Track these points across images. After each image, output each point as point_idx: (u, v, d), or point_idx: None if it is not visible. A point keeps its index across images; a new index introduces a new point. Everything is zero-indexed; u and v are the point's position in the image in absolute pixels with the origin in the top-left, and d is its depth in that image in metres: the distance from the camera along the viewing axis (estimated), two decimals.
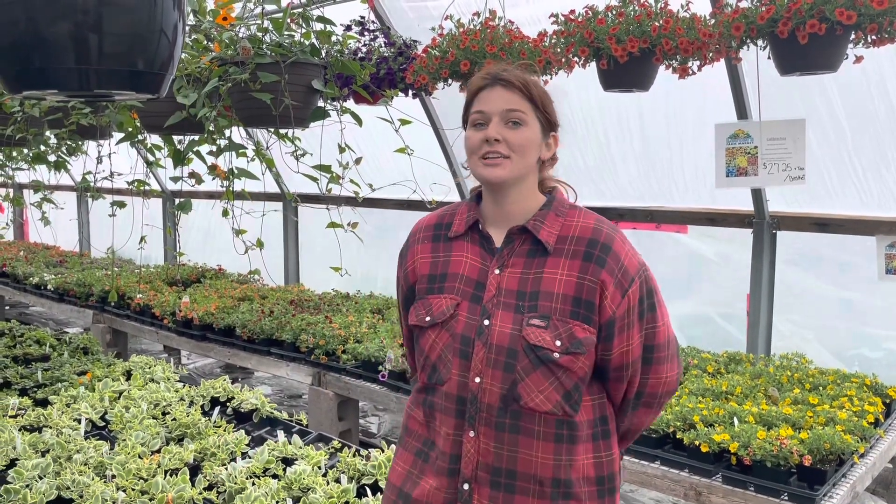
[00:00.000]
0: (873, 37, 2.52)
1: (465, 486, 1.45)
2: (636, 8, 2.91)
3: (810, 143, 3.48)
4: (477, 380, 1.44)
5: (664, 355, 1.52)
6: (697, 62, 2.92)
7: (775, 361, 3.67)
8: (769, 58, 2.72)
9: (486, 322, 1.46)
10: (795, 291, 4.26)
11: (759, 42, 2.71)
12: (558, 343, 1.42)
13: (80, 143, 4.36)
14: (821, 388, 3.25)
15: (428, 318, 1.52)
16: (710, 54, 2.86)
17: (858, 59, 2.66)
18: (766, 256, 4.00)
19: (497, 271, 1.50)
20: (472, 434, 1.44)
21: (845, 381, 3.31)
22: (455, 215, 1.60)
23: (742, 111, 3.70)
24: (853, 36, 2.56)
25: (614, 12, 2.93)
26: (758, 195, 3.96)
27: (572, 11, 3.04)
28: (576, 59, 3.07)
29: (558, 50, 3.10)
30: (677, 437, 2.86)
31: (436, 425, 1.50)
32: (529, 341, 1.42)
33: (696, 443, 2.75)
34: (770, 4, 2.56)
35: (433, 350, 1.51)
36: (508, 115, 1.47)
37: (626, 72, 2.96)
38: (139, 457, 2.62)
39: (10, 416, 3.07)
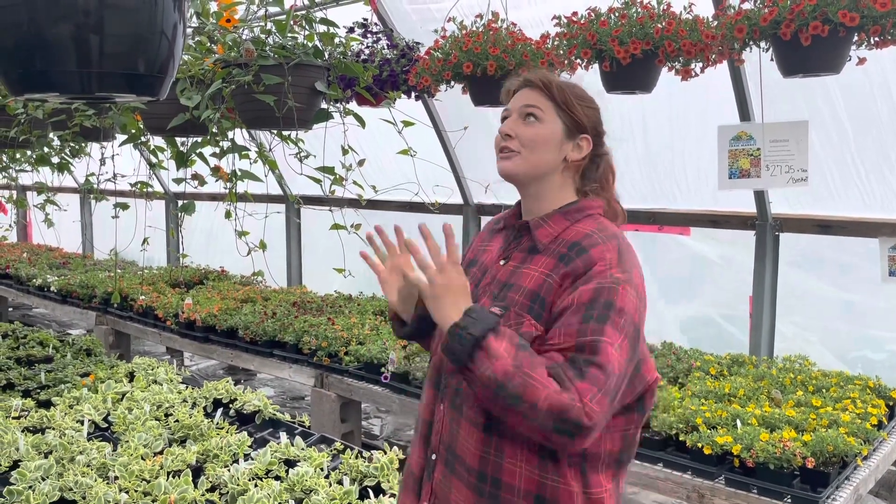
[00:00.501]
0: (876, 38, 2.52)
1: (433, 457, 1.51)
2: (639, 10, 2.91)
3: (813, 145, 3.48)
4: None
5: (600, 379, 1.29)
6: (700, 64, 2.92)
7: (778, 363, 3.67)
8: (772, 59, 2.72)
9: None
10: (798, 293, 4.25)
11: (762, 44, 2.71)
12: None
13: (83, 144, 4.37)
14: (824, 390, 3.25)
15: None
16: (713, 56, 2.86)
17: (861, 60, 2.65)
18: (768, 258, 4.00)
19: (501, 262, 1.54)
20: (441, 407, 1.51)
21: (848, 384, 3.30)
22: (511, 210, 1.68)
23: (745, 113, 3.70)
24: (856, 38, 2.55)
25: (617, 14, 2.93)
26: (760, 197, 3.95)
27: (575, 13, 3.05)
28: (578, 61, 3.07)
29: (561, 52, 3.10)
30: (680, 439, 2.86)
31: (423, 395, 1.60)
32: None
33: (699, 445, 2.75)
34: (773, 6, 2.56)
35: None
36: (524, 111, 1.51)
37: (628, 74, 2.96)
38: (142, 458, 2.63)
39: (14, 418, 3.08)
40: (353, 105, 3.64)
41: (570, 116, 1.53)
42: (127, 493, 2.37)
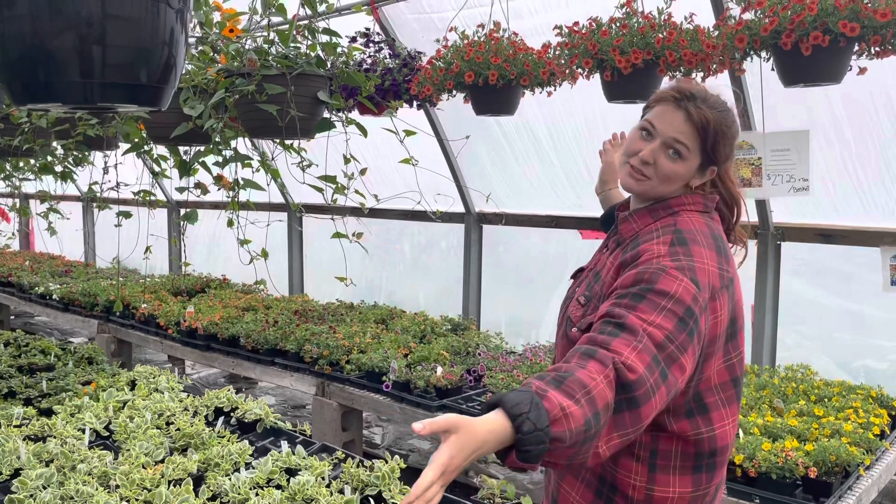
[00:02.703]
0: (877, 48, 2.53)
1: None
2: (640, 20, 2.92)
3: (814, 154, 3.49)
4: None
5: (631, 339, 1.29)
6: (701, 74, 2.93)
7: (780, 373, 3.66)
8: (773, 69, 2.73)
9: (576, 292, 1.66)
10: (800, 303, 4.25)
11: (763, 54, 2.72)
12: (583, 321, 1.53)
13: (86, 153, 4.38)
14: (826, 399, 3.24)
15: None
16: (714, 66, 2.87)
17: (862, 70, 2.66)
18: (770, 267, 4.00)
19: (605, 252, 1.67)
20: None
21: (851, 393, 3.29)
22: None
23: (746, 122, 3.71)
24: (857, 47, 2.56)
25: (618, 24, 2.94)
26: (762, 206, 3.96)
27: (576, 23, 3.06)
28: (580, 70, 3.08)
29: (562, 61, 3.11)
30: None
31: None
32: (568, 312, 1.60)
33: None
34: (773, 16, 2.57)
35: None
36: (672, 145, 1.53)
37: (629, 83, 2.97)
38: (143, 467, 2.62)
39: (15, 426, 3.08)
40: (355, 114, 3.66)
41: (710, 157, 1.56)
42: (128, 501, 2.37)
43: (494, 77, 3.13)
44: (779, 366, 3.90)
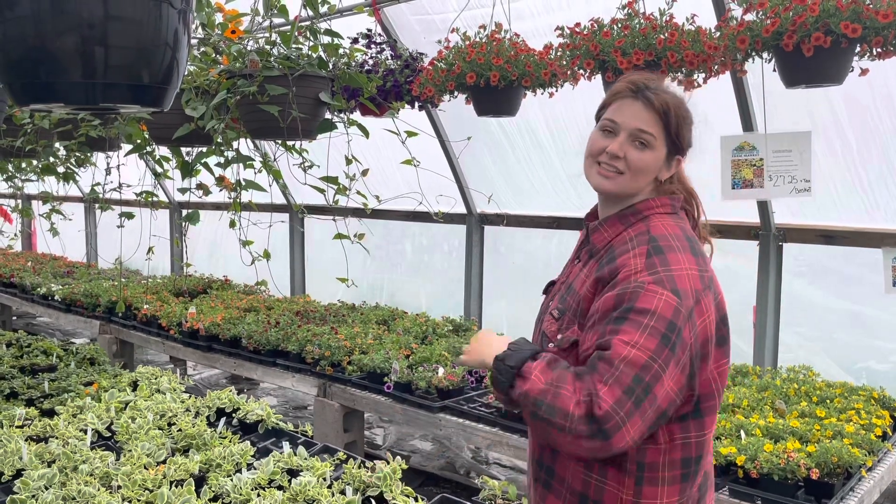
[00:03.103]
0: (878, 49, 2.53)
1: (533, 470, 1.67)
2: (641, 21, 2.92)
3: (816, 155, 3.48)
4: None
5: (607, 371, 1.36)
6: (703, 74, 2.93)
7: (782, 374, 3.66)
8: (774, 70, 2.73)
9: (550, 305, 1.64)
10: (802, 304, 4.24)
11: (765, 55, 2.72)
12: (559, 336, 1.53)
13: (88, 154, 4.39)
14: (828, 400, 3.23)
15: None
16: (716, 67, 2.87)
17: (864, 71, 2.66)
18: (772, 268, 3.99)
19: (576, 262, 1.64)
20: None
21: (853, 394, 3.29)
22: None
23: (748, 123, 3.71)
24: (858, 48, 2.56)
25: (619, 25, 2.95)
26: (764, 207, 3.95)
27: (578, 24, 3.06)
28: (581, 71, 3.08)
29: (564, 62, 3.12)
30: None
31: None
32: (542, 327, 1.59)
33: None
34: (775, 17, 2.57)
35: None
36: (638, 135, 1.51)
37: None
38: (145, 467, 2.63)
39: (17, 427, 3.08)
40: (356, 115, 3.66)
41: (675, 143, 1.55)
42: (130, 502, 2.37)
43: (496, 78, 3.13)
44: (780, 367, 3.89)
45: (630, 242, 1.50)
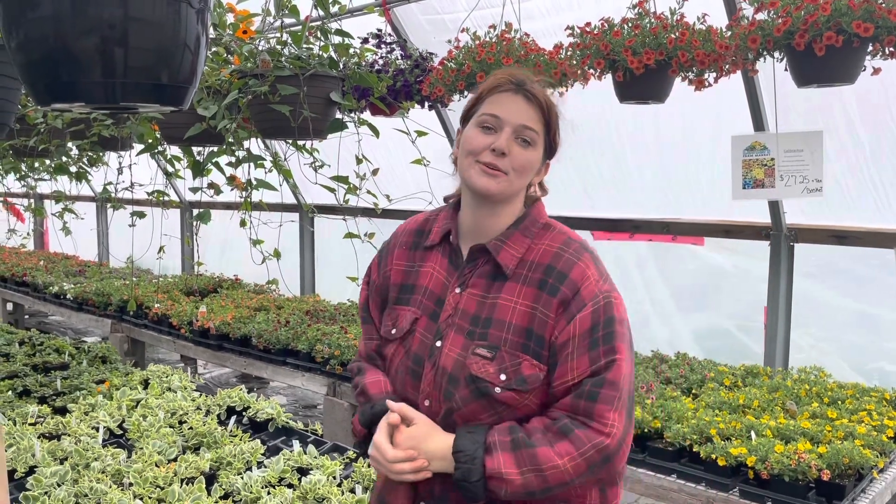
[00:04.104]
0: (891, 48, 2.51)
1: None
2: (652, 20, 2.92)
3: (828, 155, 3.47)
4: (426, 402, 1.42)
5: (613, 396, 1.32)
6: (714, 74, 2.92)
7: (793, 375, 3.64)
8: (786, 70, 2.72)
9: (438, 343, 1.41)
10: (813, 304, 4.23)
11: (776, 54, 2.71)
12: (503, 377, 1.34)
13: (101, 154, 4.42)
14: (839, 401, 3.22)
15: (394, 332, 1.49)
16: (727, 66, 2.86)
17: (876, 70, 2.65)
18: (783, 269, 3.98)
19: (458, 290, 1.44)
20: None
21: (864, 395, 3.27)
22: (435, 223, 1.54)
23: (759, 123, 3.70)
24: (871, 48, 2.55)
25: (630, 24, 2.94)
26: (775, 207, 3.94)
27: (588, 24, 3.06)
28: (592, 71, 3.08)
29: (574, 62, 3.11)
30: (694, 450, 2.84)
31: None
32: (472, 371, 1.36)
33: (713, 456, 2.73)
34: (787, 17, 2.56)
35: (392, 363, 1.50)
36: (523, 132, 1.39)
37: (642, 84, 2.97)
38: (156, 465, 2.64)
39: (30, 424, 3.11)
40: (367, 115, 3.67)
41: (552, 142, 1.46)
42: (141, 499, 2.39)
43: None
44: (791, 368, 3.88)
45: (566, 253, 1.39)
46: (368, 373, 1.55)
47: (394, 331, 1.49)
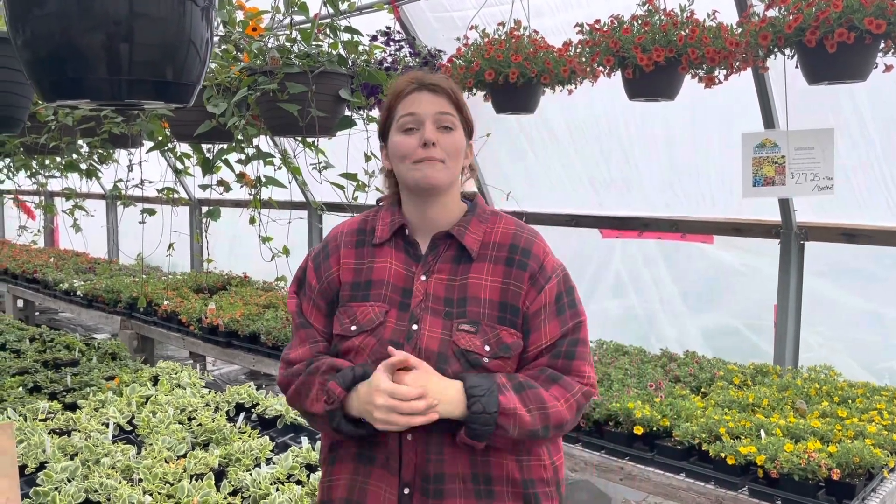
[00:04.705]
0: None
1: (406, 491, 1.46)
2: (662, 17, 2.90)
3: (839, 153, 3.44)
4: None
5: (585, 352, 1.52)
6: (724, 71, 2.90)
7: (803, 374, 3.62)
8: (797, 67, 2.70)
9: (415, 327, 1.46)
10: (824, 303, 4.20)
11: (787, 51, 2.69)
12: (487, 348, 1.45)
13: (111, 151, 4.44)
14: (850, 401, 3.20)
15: (354, 328, 1.50)
16: (737, 63, 2.84)
17: (888, 67, 2.62)
18: (793, 267, 3.96)
19: (423, 277, 1.51)
20: (409, 437, 1.45)
21: (875, 395, 3.25)
22: (377, 220, 1.59)
23: (769, 120, 3.67)
24: (883, 45, 2.53)
25: (640, 21, 2.93)
26: (785, 205, 3.92)
27: (597, 21, 3.05)
28: (601, 68, 3.06)
29: (583, 59, 3.10)
30: (703, 448, 2.83)
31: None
32: (460, 346, 1.44)
33: (722, 455, 2.72)
34: (798, 13, 2.54)
35: (359, 355, 1.49)
36: (441, 119, 1.48)
37: (651, 81, 2.95)
38: (165, 461, 2.65)
39: (40, 420, 3.13)
40: (375, 112, 3.67)
41: (467, 122, 1.54)
42: (151, 495, 2.40)
43: (515, 75, 3.12)
44: (801, 367, 3.86)
45: (523, 234, 1.54)
46: (327, 359, 1.53)
47: (353, 327, 1.50)
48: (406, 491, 1.45)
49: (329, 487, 1.56)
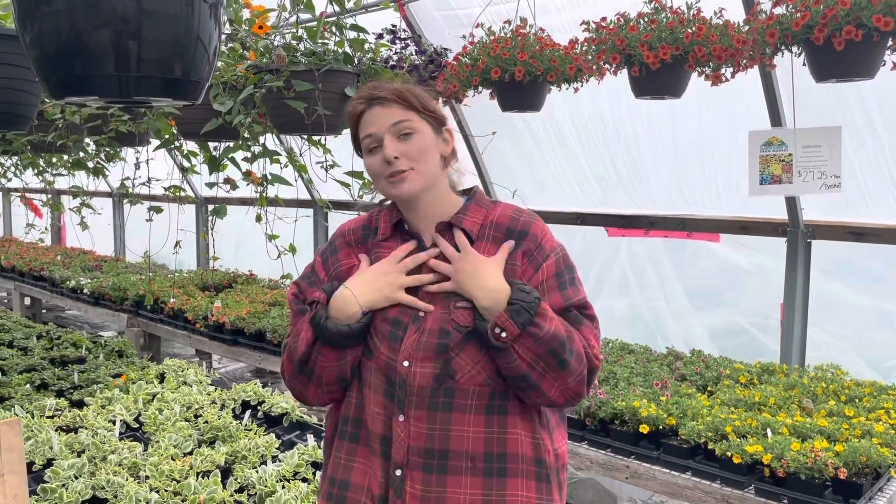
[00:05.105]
0: None
1: (398, 472, 1.44)
2: (668, 15, 2.89)
3: (846, 151, 3.43)
4: (405, 363, 1.45)
5: (592, 325, 1.50)
6: (731, 69, 2.89)
7: (810, 373, 3.61)
8: (804, 64, 2.69)
9: (421, 313, 1.48)
10: (831, 302, 4.19)
11: (794, 49, 2.67)
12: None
13: (118, 149, 4.45)
14: (857, 400, 3.19)
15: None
16: (744, 61, 2.83)
17: None
18: (800, 266, 3.94)
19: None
20: (401, 418, 1.44)
21: (882, 394, 3.24)
22: (380, 219, 1.62)
23: (776, 118, 3.66)
24: (891, 42, 2.51)
25: (646, 19, 2.92)
26: (792, 203, 3.91)
27: (604, 19, 3.04)
28: (607, 66, 3.06)
29: (589, 57, 3.09)
30: (709, 447, 2.83)
31: (365, 403, 1.49)
32: (459, 323, 1.45)
33: (729, 454, 2.72)
34: (805, 11, 2.53)
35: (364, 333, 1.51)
36: (397, 129, 1.49)
37: (657, 79, 2.94)
38: (172, 458, 2.66)
39: (48, 417, 3.14)
40: None
41: (431, 115, 1.54)
42: (157, 492, 2.41)
43: (521, 73, 3.12)
44: (808, 365, 3.84)
45: (521, 216, 1.54)
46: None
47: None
48: (398, 473, 1.44)
49: (323, 472, 1.58)
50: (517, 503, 1.43)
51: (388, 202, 1.64)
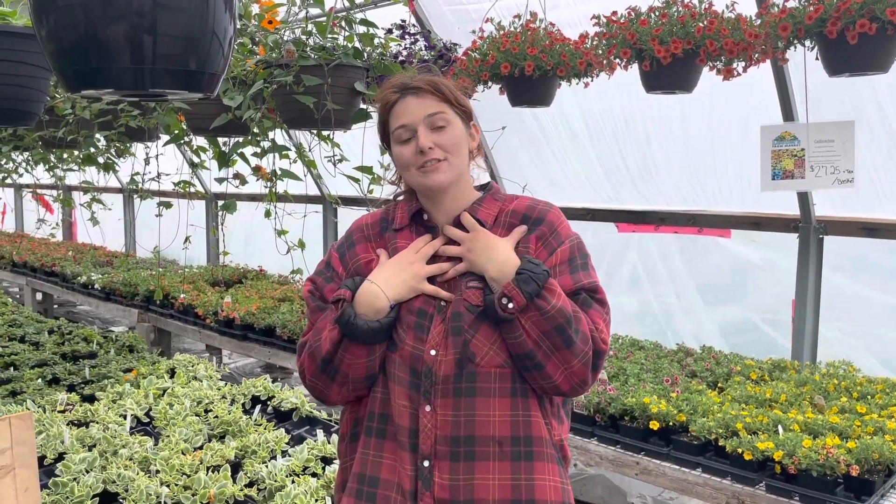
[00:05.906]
0: None
1: (426, 463, 1.43)
2: (680, 9, 2.87)
3: (859, 146, 3.40)
4: (433, 352, 1.44)
5: (602, 309, 1.49)
6: (742, 63, 2.87)
7: (821, 369, 3.59)
8: (817, 58, 2.67)
9: (443, 302, 1.48)
10: (842, 298, 4.16)
11: (807, 42, 2.65)
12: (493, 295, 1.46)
13: (128, 144, 4.46)
14: (869, 396, 3.17)
15: None
16: (756, 55, 2.81)
17: None
18: (812, 262, 3.92)
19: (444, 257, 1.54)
20: (427, 409, 1.43)
21: (894, 390, 3.22)
22: (396, 210, 1.62)
23: (788, 113, 3.64)
24: None
25: (657, 13, 2.90)
26: (804, 199, 3.88)
27: (614, 13, 3.02)
28: (618, 60, 3.04)
29: (600, 52, 3.08)
30: (719, 444, 2.82)
31: (390, 397, 1.48)
32: (471, 302, 1.45)
33: (739, 450, 2.71)
34: (818, 4, 2.51)
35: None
36: (432, 121, 1.48)
37: (669, 73, 2.93)
38: (182, 453, 2.67)
39: (59, 411, 3.16)
40: None
41: (462, 109, 1.55)
42: (168, 486, 2.41)
43: (531, 68, 3.10)
44: (820, 362, 3.82)
45: (538, 206, 1.56)
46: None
47: None
48: (426, 464, 1.43)
49: (345, 469, 1.56)
50: (545, 487, 1.43)
51: (402, 196, 1.63)
